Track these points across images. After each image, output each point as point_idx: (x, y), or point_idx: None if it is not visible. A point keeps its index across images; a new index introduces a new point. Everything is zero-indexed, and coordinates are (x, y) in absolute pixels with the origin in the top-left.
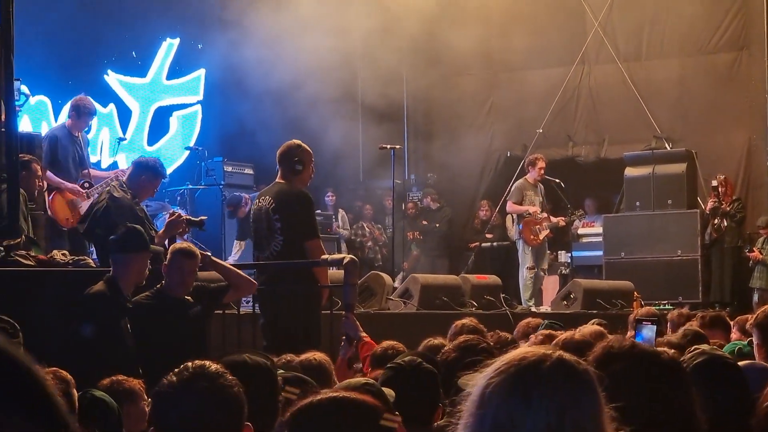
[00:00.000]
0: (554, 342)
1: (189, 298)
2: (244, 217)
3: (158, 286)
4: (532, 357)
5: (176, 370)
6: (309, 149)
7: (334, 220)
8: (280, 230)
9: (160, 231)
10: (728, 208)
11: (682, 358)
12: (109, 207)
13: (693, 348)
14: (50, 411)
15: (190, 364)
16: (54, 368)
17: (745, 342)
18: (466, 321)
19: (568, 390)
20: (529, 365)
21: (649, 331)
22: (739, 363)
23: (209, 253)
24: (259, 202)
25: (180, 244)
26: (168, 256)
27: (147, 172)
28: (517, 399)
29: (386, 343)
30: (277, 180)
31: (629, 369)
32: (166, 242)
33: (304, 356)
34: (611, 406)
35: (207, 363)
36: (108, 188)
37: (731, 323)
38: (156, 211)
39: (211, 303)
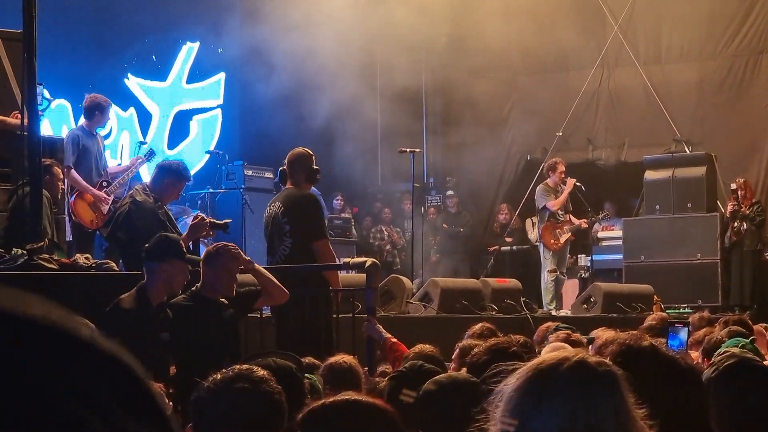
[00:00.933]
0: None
1: (224, 300)
2: None
3: (194, 288)
4: (552, 360)
5: (222, 371)
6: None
7: (350, 224)
8: (288, 233)
9: (183, 234)
10: (748, 212)
11: (711, 362)
12: (131, 211)
13: (723, 351)
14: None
15: (236, 366)
16: None
17: (748, 340)
18: (480, 327)
19: (582, 391)
20: (546, 368)
21: (684, 333)
22: None
23: (251, 260)
24: (270, 208)
25: (226, 244)
26: (213, 257)
27: (170, 175)
28: (529, 401)
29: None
30: (287, 186)
31: (648, 370)
32: (190, 245)
33: (333, 359)
34: (640, 409)
35: (254, 367)
36: (131, 192)
37: (753, 327)
38: (177, 215)
39: (243, 307)
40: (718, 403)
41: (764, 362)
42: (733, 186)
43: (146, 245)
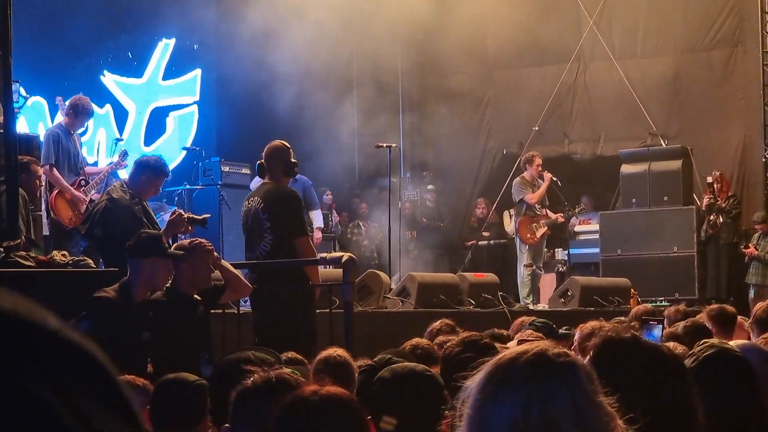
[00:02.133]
0: None
1: (197, 297)
2: None
3: (168, 285)
4: (511, 353)
5: (261, 374)
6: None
7: (330, 220)
8: (269, 229)
9: (162, 230)
10: (724, 205)
11: (690, 352)
12: (107, 208)
13: (702, 342)
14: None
15: (273, 373)
16: None
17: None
18: (438, 324)
19: (538, 382)
20: (506, 361)
21: (657, 330)
22: (735, 343)
23: (218, 255)
24: (248, 203)
25: (199, 239)
26: (189, 251)
27: (148, 171)
28: (487, 396)
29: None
30: (264, 180)
31: (630, 361)
32: (170, 241)
33: (326, 353)
34: (608, 397)
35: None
36: (108, 189)
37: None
38: (154, 211)
39: (210, 303)
40: (698, 393)
41: None
42: (709, 179)
43: (128, 243)
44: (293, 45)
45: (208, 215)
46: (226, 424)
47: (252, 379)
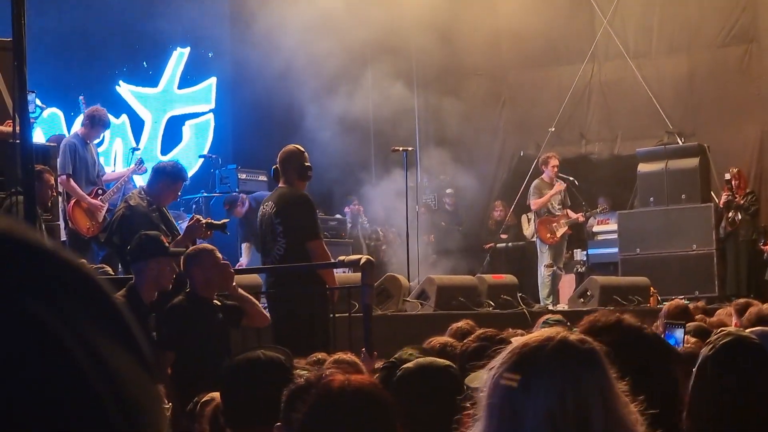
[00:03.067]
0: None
1: (217, 302)
2: (243, 218)
3: (187, 290)
4: (534, 342)
5: (313, 373)
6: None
7: (349, 225)
8: (282, 233)
9: (180, 236)
10: (742, 201)
11: (708, 340)
12: (125, 216)
13: (719, 330)
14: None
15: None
16: None
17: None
18: (462, 324)
19: (568, 371)
20: (530, 351)
21: (680, 332)
22: (753, 330)
23: (236, 286)
24: (263, 208)
25: (201, 245)
26: (195, 257)
27: (165, 177)
28: (517, 387)
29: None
30: (279, 185)
31: (615, 343)
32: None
33: (334, 356)
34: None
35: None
36: (126, 197)
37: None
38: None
39: (232, 321)
40: (715, 380)
41: None
42: (727, 176)
43: (128, 247)
44: (307, 52)
45: (227, 220)
46: (278, 423)
47: (306, 377)
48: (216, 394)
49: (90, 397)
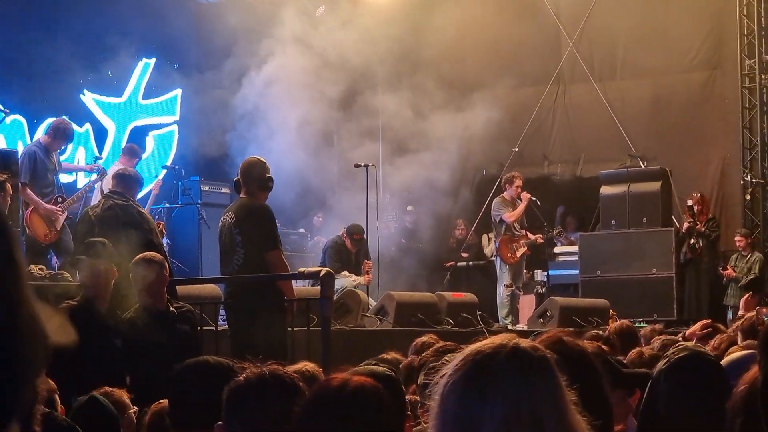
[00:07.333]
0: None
1: (173, 310)
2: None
3: (137, 304)
4: (487, 350)
5: (254, 370)
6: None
7: (309, 239)
8: (240, 243)
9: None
10: (703, 229)
11: (664, 354)
12: (113, 216)
13: (677, 344)
14: None
15: (266, 370)
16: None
17: None
18: (426, 338)
19: (523, 379)
20: (483, 358)
21: None
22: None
23: None
24: (223, 218)
25: (149, 254)
26: (137, 271)
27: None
28: (473, 394)
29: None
30: (240, 196)
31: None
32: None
33: (295, 367)
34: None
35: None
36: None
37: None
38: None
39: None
40: (667, 394)
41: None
42: (690, 202)
43: (76, 255)
44: (273, 65)
45: None
46: (219, 422)
47: (245, 375)
48: (165, 401)
49: None
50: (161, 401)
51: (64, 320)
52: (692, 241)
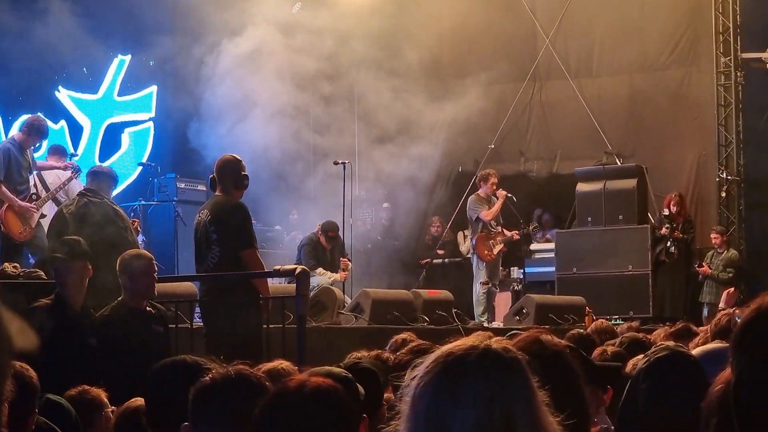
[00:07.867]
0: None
1: (151, 309)
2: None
3: (119, 298)
4: (459, 351)
5: (219, 370)
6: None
7: (285, 235)
8: (216, 242)
9: None
10: (682, 235)
11: (645, 353)
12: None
13: (659, 344)
14: None
15: (232, 369)
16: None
17: None
18: (405, 336)
19: (494, 379)
20: (454, 360)
21: None
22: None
23: None
24: (199, 216)
25: (136, 250)
26: (134, 266)
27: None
28: (444, 396)
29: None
30: (216, 194)
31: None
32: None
33: (271, 365)
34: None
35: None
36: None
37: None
38: None
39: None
40: (647, 393)
41: None
42: (666, 211)
43: (48, 254)
44: (250, 61)
45: None
46: (185, 423)
47: (211, 375)
48: (137, 400)
49: None
50: (133, 400)
51: (24, 324)
52: (669, 245)
